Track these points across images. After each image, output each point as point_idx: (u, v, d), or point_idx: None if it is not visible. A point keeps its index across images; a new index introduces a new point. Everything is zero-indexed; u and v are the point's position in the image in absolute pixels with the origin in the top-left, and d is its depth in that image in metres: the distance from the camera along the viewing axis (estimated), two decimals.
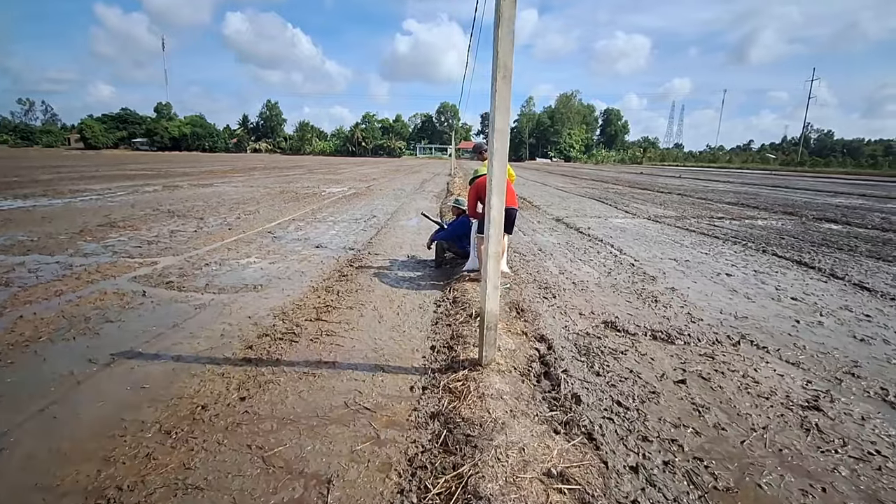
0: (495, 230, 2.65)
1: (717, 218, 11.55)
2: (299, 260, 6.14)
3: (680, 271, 5.88)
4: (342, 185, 19.59)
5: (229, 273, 5.42)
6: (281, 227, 8.67)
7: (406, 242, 7.48)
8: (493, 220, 2.63)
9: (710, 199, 16.80)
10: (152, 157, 55.59)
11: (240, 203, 12.18)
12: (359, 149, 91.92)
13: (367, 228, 8.82)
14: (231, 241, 7.21)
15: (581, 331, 3.77)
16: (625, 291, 4.94)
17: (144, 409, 2.56)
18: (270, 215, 10.18)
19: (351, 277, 5.30)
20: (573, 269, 5.83)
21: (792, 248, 7.54)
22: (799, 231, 9.55)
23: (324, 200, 13.54)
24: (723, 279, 5.55)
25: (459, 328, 3.61)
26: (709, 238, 8.40)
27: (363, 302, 4.44)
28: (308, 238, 7.70)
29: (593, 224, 9.91)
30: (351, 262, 6.00)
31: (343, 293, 4.69)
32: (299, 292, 4.74)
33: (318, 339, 3.53)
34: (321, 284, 5.00)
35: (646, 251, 7.09)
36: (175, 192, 14.55)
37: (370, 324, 3.88)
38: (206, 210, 10.67)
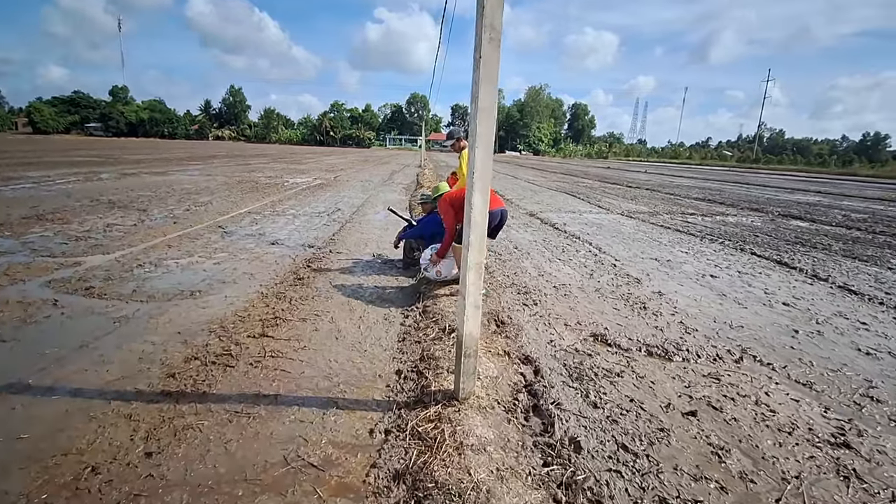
0: (477, 236, 2.13)
1: (689, 214, 11.44)
2: (250, 260, 5.45)
3: (664, 272, 5.55)
4: (307, 175, 18.64)
5: (165, 276, 4.69)
6: (234, 221, 7.88)
7: (372, 239, 6.87)
8: (475, 223, 2.11)
9: (678, 195, 16.85)
10: (106, 142, 52.18)
11: (192, 193, 11.21)
12: (327, 138, 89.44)
13: (331, 223, 8.15)
14: (174, 237, 6.42)
15: (569, 347, 3.31)
16: (610, 297, 4.53)
17: (13, 473, 1.91)
18: (224, 207, 9.33)
19: (307, 281, 4.67)
20: (553, 271, 5.40)
21: (768, 247, 7.38)
22: (770, 228, 9.50)
23: (286, 191, 12.69)
24: (708, 281, 5.24)
25: (431, 346, 3.09)
26: (686, 236, 8.17)
27: (319, 312, 3.84)
28: (263, 234, 6.98)
29: (568, 220, 9.56)
30: (309, 263, 5.37)
31: (296, 301, 4.08)
32: (245, 300, 4.10)
33: (259, 362, 2.93)
34: (272, 290, 4.36)
35: (625, 250, 6.75)
36: (122, 181, 13.35)
37: (325, 341, 3.30)
38: (152, 201, 9.71)
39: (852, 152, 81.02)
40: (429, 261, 4.36)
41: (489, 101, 1.96)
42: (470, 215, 2.10)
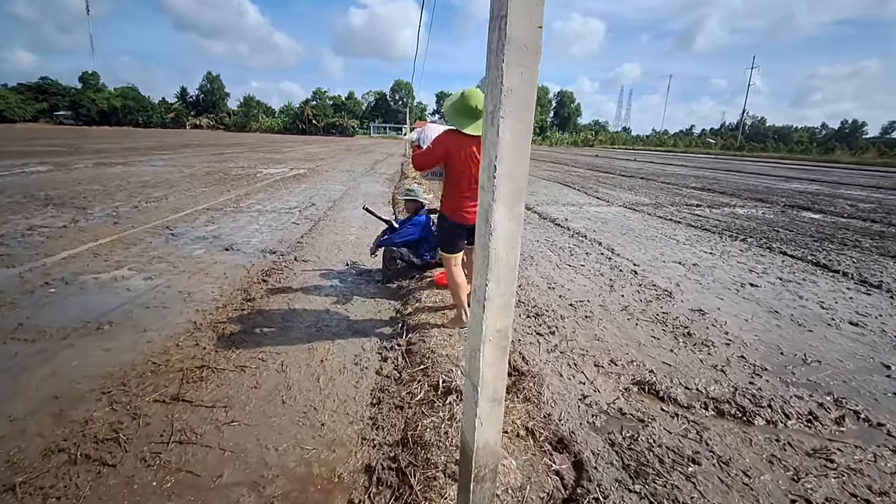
0: (502, 283, 1.15)
1: (695, 206, 10.63)
2: (192, 273, 4.40)
3: (694, 281, 4.66)
4: (283, 165, 17.40)
5: (71, 300, 3.63)
6: (187, 220, 6.77)
7: (348, 242, 5.85)
8: (498, 261, 1.14)
9: (675, 184, 16.08)
10: (74, 131, 49.54)
11: (147, 187, 10.00)
12: (309, 127, 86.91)
13: (301, 221, 7.08)
14: (106, 243, 5.31)
15: (611, 407, 2.38)
16: (642, 318, 3.61)
17: None
18: (180, 203, 8.18)
19: (260, 304, 3.66)
20: (565, 282, 4.46)
21: (796, 245, 6.56)
22: (785, 222, 8.71)
23: (256, 183, 11.52)
24: (751, 293, 4.36)
25: (418, 419, 2.12)
26: (702, 232, 7.31)
27: (266, 354, 2.84)
28: (218, 236, 5.90)
29: (568, 214, 8.64)
30: (266, 276, 4.34)
31: (239, 336, 3.07)
32: (169, 335, 3.07)
33: (157, 456, 1.93)
34: (209, 319, 3.34)
35: (641, 251, 5.86)
36: (72, 173, 12.00)
37: (266, 407, 2.31)
38: (97, 196, 8.50)
39: (834, 140, 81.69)
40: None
41: (527, 30, 0.97)
42: (488, 246, 1.12)
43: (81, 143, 26.68)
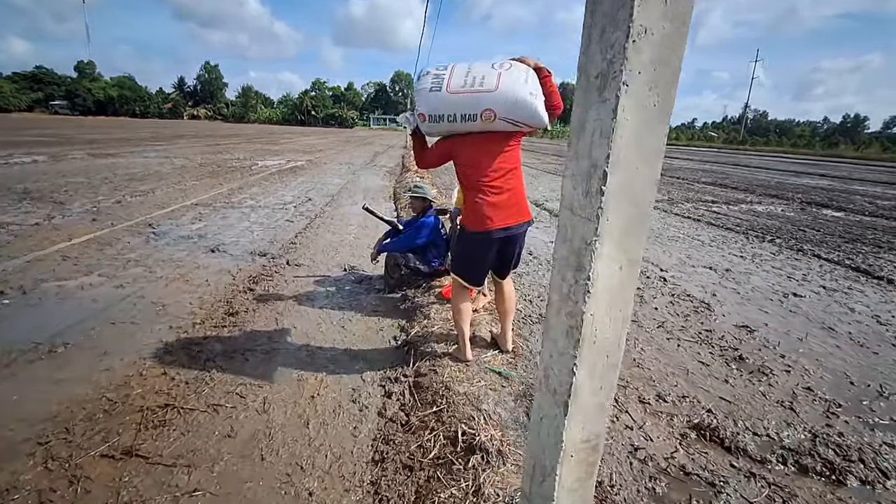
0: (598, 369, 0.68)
1: (710, 202, 10.14)
2: (170, 279, 3.92)
3: (731, 290, 4.19)
4: (280, 156, 16.86)
5: (28, 312, 3.16)
6: (172, 217, 6.28)
7: (346, 242, 5.37)
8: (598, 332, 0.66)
9: (685, 179, 15.58)
10: (69, 121, 48.76)
11: (134, 180, 9.48)
12: (308, 118, 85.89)
13: (296, 218, 6.59)
14: (79, 243, 4.82)
15: (671, 465, 1.92)
16: (683, 338, 3.15)
17: None
18: (168, 197, 7.68)
19: (242, 320, 3.18)
20: None
21: (828, 246, 6.09)
22: (808, 220, 8.23)
23: (251, 176, 11.01)
24: (796, 305, 3.90)
25: (433, 485, 1.66)
26: (725, 231, 6.84)
27: (245, 389, 2.37)
28: (204, 235, 5.41)
29: None
30: (254, 283, 3.86)
31: (214, 362, 2.60)
32: (132, 361, 2.60)
33: None
34: (182, 339, 2.87)
35: (665, 253, 5.39)
36: (57, 165, 11.46)
37: (240, 466, 1.85)
38: (79, 190, 7.99)
39: (838, 134, 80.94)
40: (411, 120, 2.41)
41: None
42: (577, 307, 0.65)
43: (74, 133, 26.04)
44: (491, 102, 2.06)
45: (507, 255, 2.42)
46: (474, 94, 2.08)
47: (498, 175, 2.26)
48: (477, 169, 2.26)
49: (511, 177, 2.29)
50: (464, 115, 2.11)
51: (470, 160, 2.27)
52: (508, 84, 2.06)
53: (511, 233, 2.30)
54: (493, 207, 2.25)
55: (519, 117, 2.09)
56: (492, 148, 2.24)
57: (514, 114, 2.08)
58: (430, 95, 2.14)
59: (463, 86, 2.10)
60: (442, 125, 2.19)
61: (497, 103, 2.06)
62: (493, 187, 2.25)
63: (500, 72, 2.10)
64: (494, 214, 2.25)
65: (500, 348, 2.69)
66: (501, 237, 2.28)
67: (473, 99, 2.08)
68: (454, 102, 2.10)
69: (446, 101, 2.11)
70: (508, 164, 2.28)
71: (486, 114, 2.08)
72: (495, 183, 2.25)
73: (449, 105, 2.11)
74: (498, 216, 2.25)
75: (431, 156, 2.40)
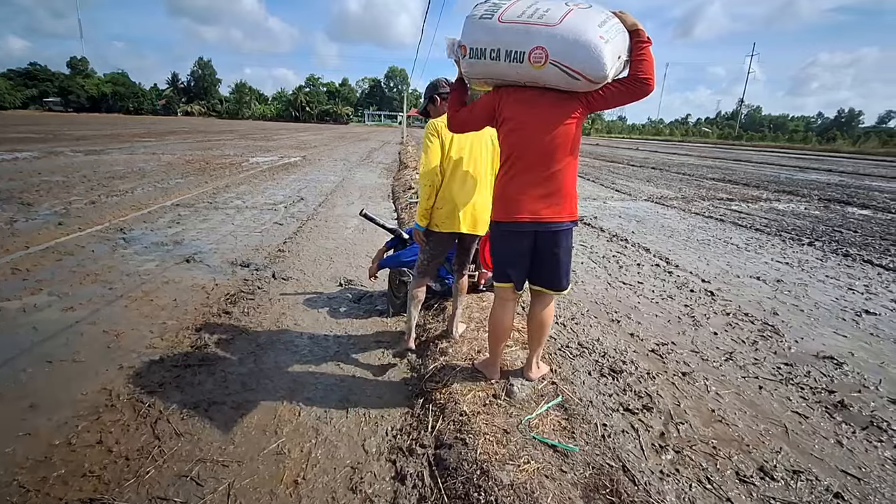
0: None
1: (726, 200, 9.55)
2: (131, 298, 3.27)
3: (791, 306, 3.59)
4: (273, 153, 16.16)
5: None
6: (148, 220, 5.62)
7: (340, 250, 4.73)
8: None
9: (692, 175, 15.01)
10: (61, 118, 47.67)
11: (115, 178, 8.79)
12: (303, 114, 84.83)
13: (287, 220, 5.94)
14: (36, 251, 4.18)
15: None
16: (761, 375, 2.54)
17: None
18: (147, 197, 7.01)
19: (212, 354, 2.55)
20: (628, 310, 3.39)
21: (874, 250, 5.51)
22: (838, 219, 7.64)
23: (240, 174, 10.33)
24: (875, 326, 3.31)
25: None
26: (756, 233, 6.25)
27: (204, 469, 1.74)
28: (180, 241, 4.76)
29: (595, 210, 7.55)
30: (230, 304, 3.23)
31: (169, 422, 1.97)
32: (64, 417, 1.97)
33: None
34: (133, 384, 2.23)
35: (700, 259, 4.78)
36: (36, 163, 10.74)
37: None
38: (52, 190, 7.30)
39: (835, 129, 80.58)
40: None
41: None
42: None
43: (63, 129, 25.17)
44: (545, 39, 1.61)
45: (546, 259, 1.93)
46: (529, 25, 1.63)
47: (549, 154, 1.79)
48: (526, 134, 1.79)
49: (562, 159, 1.81)
50: (509, 52, 1.66)
51: (521, 120, 1.79)
52: (576, 21, 1.60)
53: (547, 228, 1.86)
54: (529, 191, 1.83)
55: (575, 63, 1.60)
56: (546, 113, 1.76)
57: (569, 57, 1.59)
58: (477, 23, 1.72)
59: (520, 16, 1.66)
60: (481, 64, 1.75)
61: (552, 41, 1.60)
62: (539, 167, 1.81)
63: (573, 8, 1.65)
64: (528, 200, 1.83)
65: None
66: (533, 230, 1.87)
67: (525, 32, 1.63)
68: (502, 32, 1.66)
69: (494, 31, 1.68)
70: (561, 140, 1.78)
71: (535, 53, 1.62)
72: (542, 163, 1.80)
73: (496, 36, 1.67)
74: (532, 203, 1.83)
75: (466, 111, 1.95)
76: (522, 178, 1.84)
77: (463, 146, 2.29)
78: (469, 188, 2.30)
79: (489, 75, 1.81)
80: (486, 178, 2.37)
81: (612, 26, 1.64)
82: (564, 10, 1.64)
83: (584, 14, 1.63)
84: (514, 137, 1.83)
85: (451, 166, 2.29)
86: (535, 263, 1.97)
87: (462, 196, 2.29)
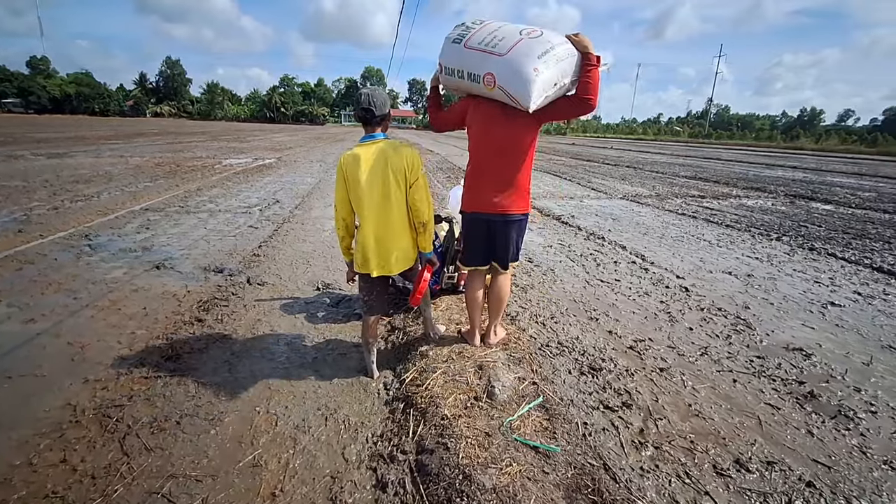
0: None
1: (698, 197, 9.80)
2: (98, 308, 3.14)
3: (762, 300, 3.70)
4: (247, 154, 15.82)
5: None
6: (115, 225, 5.42)
7: (318, 253, 4.65)
8: None
9: (665, 173, 15.35)
10: (21, 120, 45.53)
11: (79, 182, 8.45)
12: (278, 115, 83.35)
13: (261, 224, 5.82)
14: None
15: None
16: (735, 368, 2.60)
17: None
18: (114, 202, 6.76)
19: (184, 365, 2.46)
20: (606, 307, 3.43)
21: (837, 244, 5.73)
22: (803, 215, 7.93)
23: (213, 176, 10.07)
24: (840, 317, 3.43)
25: None
26: (727, 229, 6.42)
27: (174, 487, 1.67)
28: (150, 247, 4.60)
29: (571, 209, 7.64)
30: (203, 311, 3.13)
31: (138, 437, 1.89)
32: (22, 437, 1.87)
33: None
34: (98, 398, 2.14)
35: (675, 256, 4.88)
36: None
37: None
38: (12, 195, 6.97)
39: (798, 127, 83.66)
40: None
41: None
42: None
43: (23, 131, 24.10)
44: (494, 66, 1.91)
45: (496, 242, 2.30)
46: (484, 53, 1.94)
47: (506, 159, 2.13)
48: (485, 139, 2.14)
49: (516, 163, 2.14)
50: (470, 73, 2.00)
51: (481, 127, 2.13)
52: (520, 52, 1.86)
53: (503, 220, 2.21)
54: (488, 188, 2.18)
55: (512, 90, 1.88)
56: (504, 122, 2.06)
57: (510, 85, 1.88)
58: (451, 46, 2.07)
59: (479, 43, 1.96)
60: (452, 80, 2.13)
61: (500, 68, 1.89)
62: (495, 170, 2.16)
63: (523, 38, 1.92)
64: (487, 196, 2.18)
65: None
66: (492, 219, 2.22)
67: (482, 58, 1.94)
68: (467, 57, 1.99)
69: (461, 55, 2.02)
70: (518, 146, 2.12)
71: (487, 78, 1.93)
72: (499, 167, 2.15)
73: (462, 59, 2.02)
74: (489, 200, 2.18)
75: (445, 114, 2.34)
76: (483, 176, 2.18)
77: (360, 183, 2.03)
78: (375, 226, 2.07)
79: (459, 88, 2.17)
80: (393, 211, 2.07)
81: (553, 55, 1.85)
82: (515, 39, 1.90)
83: (529, 44, 1.86)
84: (477, 140, 2.16)
85: (357, 205, 2.08)
86: (491, 246, 2.30)
87: (368, 237, 2.08)
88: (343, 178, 2.08)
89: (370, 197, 2.04)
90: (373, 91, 2.05)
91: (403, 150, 2.04)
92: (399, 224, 2.11)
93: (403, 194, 2.08)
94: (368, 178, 2.03)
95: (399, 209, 2.09)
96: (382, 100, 2.04)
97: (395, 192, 2.05)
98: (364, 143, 2.06)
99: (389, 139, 2.08)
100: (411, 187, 2.07)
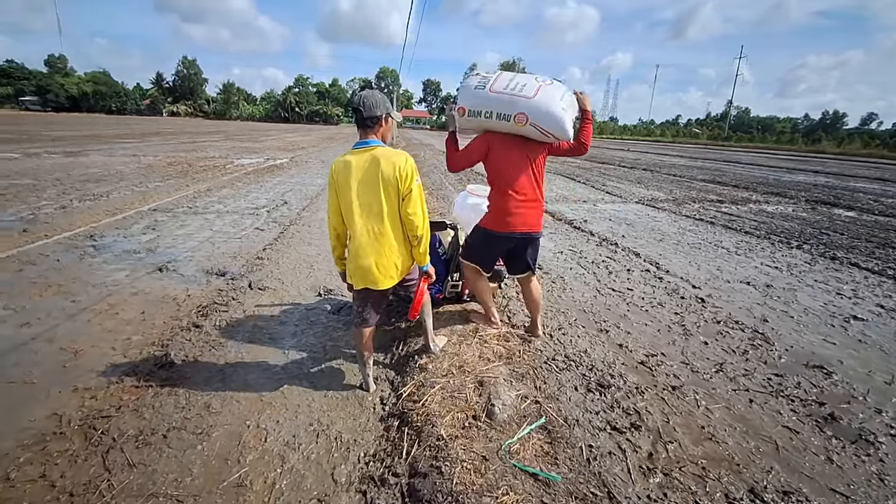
0: None
1: (716, 201, 9.56)
2: (96, 311, 3.11)
3: (782, 313, 3.53)
4: (259, 154, 15.91)
5: None
6: (121, 226, 5.42)
7: (322, 256, 4.59)
8: None
9: (683, 176, 15.05)
10: (39, 118, 46.59)
11: (91, 181, 8.53)
12: (292, 115, 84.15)
13: (268, 226, 5.78)
14: None
15: None
16: (752, 387, 2.46)
17: None
18: (123, 202, 6.79)
19: (177, 374, 2.40)
20: (617, 318, 3.30)
21: (860, 253, 5.50)
22: (825, 222, 7.66)
23: (224, 176, 10.11)
24: (862, 332, 3.26)
25: None
26: (746, 236, 6.21)
27: (161, 500, 1.60)
28: (154, 249, 4.58)
29: (584, 213, 7.48)
30: (202, 316, 3.07)
31: (122, 451, 1.82)
32: (9, 446, 1.82)
33: None
34: (86, 408, 2.08)
35: (691, 264, 4.72)
36: (7, 164, 10.40)
37: None
38: (21, 194, 7.05)
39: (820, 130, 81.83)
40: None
41: None
42: None
43: (39, 130, 24.59)
44: (525, 107, 2.32)
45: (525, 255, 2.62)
46: (513, 96, 2.34)
47: (529, 182, 2.50)
48: (511, 168, 2.47)
49: (538, 186, 2.53)
50: (500, 113, 2.37)
51: (505, 158, 2.47)
52: (545, 97, 2.33)
53: (531, 237, 2.56)
54: (520, 211, 2.47)
55: (547, 126, 2.34)
56: (527, 152, 2.48)
57: (543, 122, 2.33)
58: (474, 92, 2.44)
59: (505, 88, 2.38)
60: (477, 120, 2.45)
61: (531, 109, 2.32)
62: (522, 192, 2.47)
63: (541, 85, 2.39)
64: (519, 218, 2.48)
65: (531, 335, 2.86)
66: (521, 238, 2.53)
67: (511, 101, 2.34)
68: (494, 100, 2.37)
69: (487, 99, 2.38)
70: (538, 172, 2.52)
71: (519, 117, 2.33)
72: (525, 189, 2.48)
73: (489, 102, 2.38)
74: (521, 220, 2.49)
75: (464, 152, 2.56)
76: (517, 201, 2.47)
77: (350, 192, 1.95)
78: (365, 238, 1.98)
79: (482, 126, 2.52)
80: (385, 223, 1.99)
81: (567, 98, 2.41)
82: (536, 85, 2.37)
83: (549, 90, 2.36)
84: (500, 168, 2.48)
85: (347, 214, 1.99)
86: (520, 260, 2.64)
87: (357, 248, 1.99)
88: (334, 186, 1.99)
89: (360, 207, 1.96)
90: (366, 93, 1.98)
91: (396, 158, 1.94)
92: (391, 236, 2.01)
93: (396, 206, 1.98)
94: (359, 187, 1.95)
95: (391, 221, 2.00)
96: (374, 101, 1.96)
97: (385, 203, 1.96)
98: (357, 150, 1.97)
99: (384, 146, 1.99)
100: (404, 199, 1.96)
